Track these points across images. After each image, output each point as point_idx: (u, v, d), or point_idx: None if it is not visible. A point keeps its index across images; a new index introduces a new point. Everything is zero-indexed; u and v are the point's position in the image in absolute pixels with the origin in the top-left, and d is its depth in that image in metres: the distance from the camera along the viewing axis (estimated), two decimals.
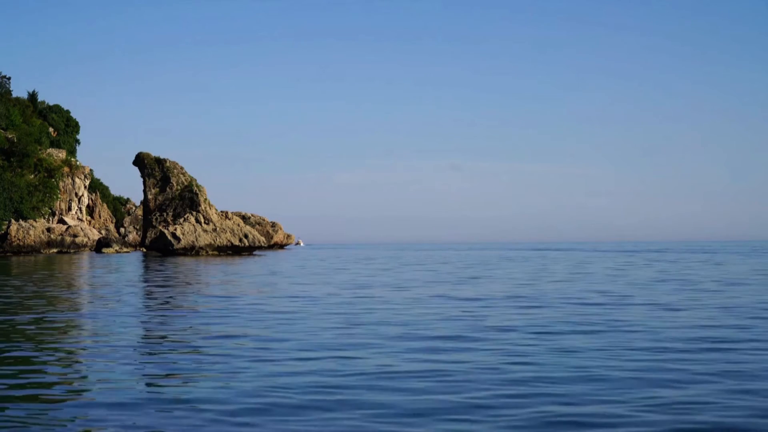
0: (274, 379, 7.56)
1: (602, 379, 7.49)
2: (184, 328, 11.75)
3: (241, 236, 68.91)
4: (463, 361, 8.56)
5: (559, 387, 7.13)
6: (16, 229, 70.68)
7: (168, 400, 6.75)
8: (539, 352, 9.23)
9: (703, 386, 7.16)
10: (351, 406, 6.45)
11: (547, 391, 6.98)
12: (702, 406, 6.41)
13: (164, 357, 9.01)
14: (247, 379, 7.54)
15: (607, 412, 6.20)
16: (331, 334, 10.86)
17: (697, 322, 12.27)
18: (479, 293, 18.58)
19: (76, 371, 8.21)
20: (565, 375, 7.70)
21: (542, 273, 29.75)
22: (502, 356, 8.88)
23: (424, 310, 14.30)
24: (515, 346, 9.63)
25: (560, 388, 7.09)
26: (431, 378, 7.57)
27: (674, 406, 6.38)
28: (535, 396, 6.79)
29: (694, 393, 6.88)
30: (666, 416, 6.09)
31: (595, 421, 5.96)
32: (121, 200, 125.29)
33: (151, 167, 77.28)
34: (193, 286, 22.21)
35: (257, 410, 6.34)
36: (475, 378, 7.56)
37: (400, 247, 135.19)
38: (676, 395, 6.79)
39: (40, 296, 17.93)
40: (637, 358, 8.75)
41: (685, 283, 22.49)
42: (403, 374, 7.75)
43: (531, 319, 12.80)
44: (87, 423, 6.01)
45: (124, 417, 6.16)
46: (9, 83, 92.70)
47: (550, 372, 7.86)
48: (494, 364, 8.37)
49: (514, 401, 6.60)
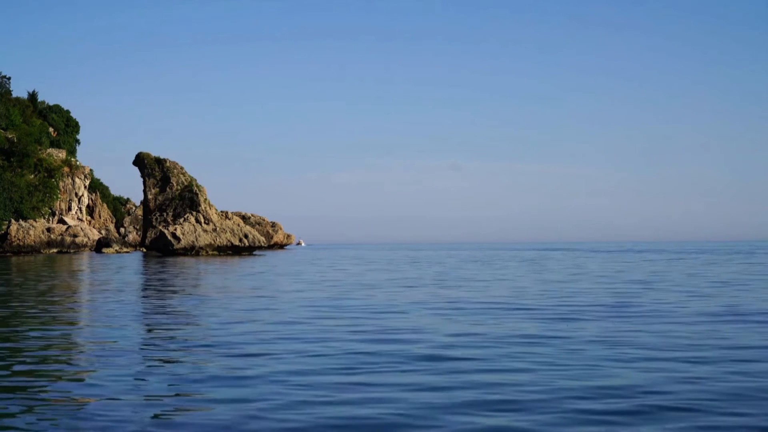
0: (273, 378, 7.55)
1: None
2: (182, 327, 11.74)
3: (241, 236, 68.88)
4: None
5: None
6: (16, 229, 70.66)
7: (167, 399, 6.75)
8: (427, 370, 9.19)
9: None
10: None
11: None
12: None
13: (163, 357, 9.00)
14: (247, 380, 7.53)
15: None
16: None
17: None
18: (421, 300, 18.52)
19: (73, 370, 8.19)
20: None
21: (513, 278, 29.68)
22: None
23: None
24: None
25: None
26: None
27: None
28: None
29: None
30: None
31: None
32: (121, 200, 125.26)
33: (151, 167, 77.27)
34: (193, 286, 22.20)
35: (256, 409, 6.33)
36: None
37: (398, 248, 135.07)
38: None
39: (40, 295, 17.92)
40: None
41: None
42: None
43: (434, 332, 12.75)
44: (85, 423, 6.00)
45: (121, 416, 6.15)
46: (9, 83, 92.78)
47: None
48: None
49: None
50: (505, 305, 15.12)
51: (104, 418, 6.08)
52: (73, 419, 6.07)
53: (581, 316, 12.98)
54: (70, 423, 5.96)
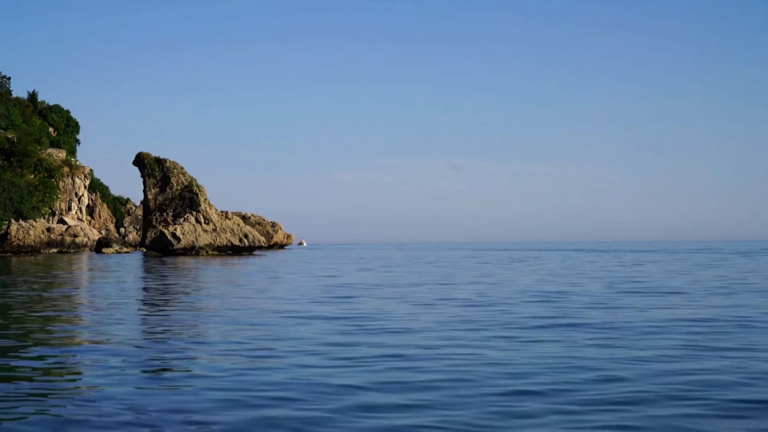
0: (273, 378, 7.57)
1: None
2: (179, 328, 11.75)
3: (241, 236, 68.89)
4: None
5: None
6: (16, 229, 70.66)
7: (164, 401, 6.76)
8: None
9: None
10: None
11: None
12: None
13: (161, 357, 9.01)
14: (246, 379, 7.55)
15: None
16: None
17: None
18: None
19: (71, 371, 8.21)
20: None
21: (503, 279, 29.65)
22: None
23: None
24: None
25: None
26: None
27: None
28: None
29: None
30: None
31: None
32: (121, 200, 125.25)
33: (151, 167, 77.28)
34: (192, 286, 22.22)
35: (253, 410, 6.35)
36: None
37: (396, 248, 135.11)
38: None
39: (39, 295, 17.94)
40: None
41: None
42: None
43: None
44: (81, 423, 6.02)
45: (118, 417, 6.16)
46: (9, 83, 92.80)
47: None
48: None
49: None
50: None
51: (98, 418, 6.09)
52: (67, 419, 6.09)
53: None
54: (66, 422, 5.98)
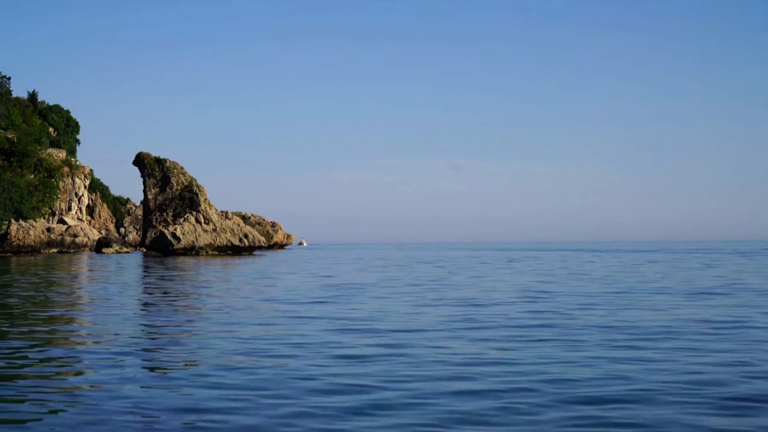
0: (272, 378, 7.57)
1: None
2: (178, 327, 11.75)
3: (241, 236, 68.90)
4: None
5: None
6: (16, 229, 70.66)
7: (167, 400, 6.76)
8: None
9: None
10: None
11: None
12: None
13: (163, 357, 9.01)
14: (246, 381, 7.55)
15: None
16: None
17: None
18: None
19: (74, 370, 8.20)
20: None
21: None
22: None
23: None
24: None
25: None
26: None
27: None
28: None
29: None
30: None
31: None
32: (121, 200, 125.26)
33: (151, 167, 77.27)
34: (192, 286, 22.22)
35: (255, 409, 6.34)
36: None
37: (396, 248, 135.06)
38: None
39: (40, 295, 17.94)
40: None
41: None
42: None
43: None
44: (84, 423, 6.01)
45: (122, 416, 6.16)
46: (9, 83, 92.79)
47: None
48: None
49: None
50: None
51: (97, 418, 6.09)
52: (66, 418, 6.08)
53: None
54: (64, 423, 5.98)
